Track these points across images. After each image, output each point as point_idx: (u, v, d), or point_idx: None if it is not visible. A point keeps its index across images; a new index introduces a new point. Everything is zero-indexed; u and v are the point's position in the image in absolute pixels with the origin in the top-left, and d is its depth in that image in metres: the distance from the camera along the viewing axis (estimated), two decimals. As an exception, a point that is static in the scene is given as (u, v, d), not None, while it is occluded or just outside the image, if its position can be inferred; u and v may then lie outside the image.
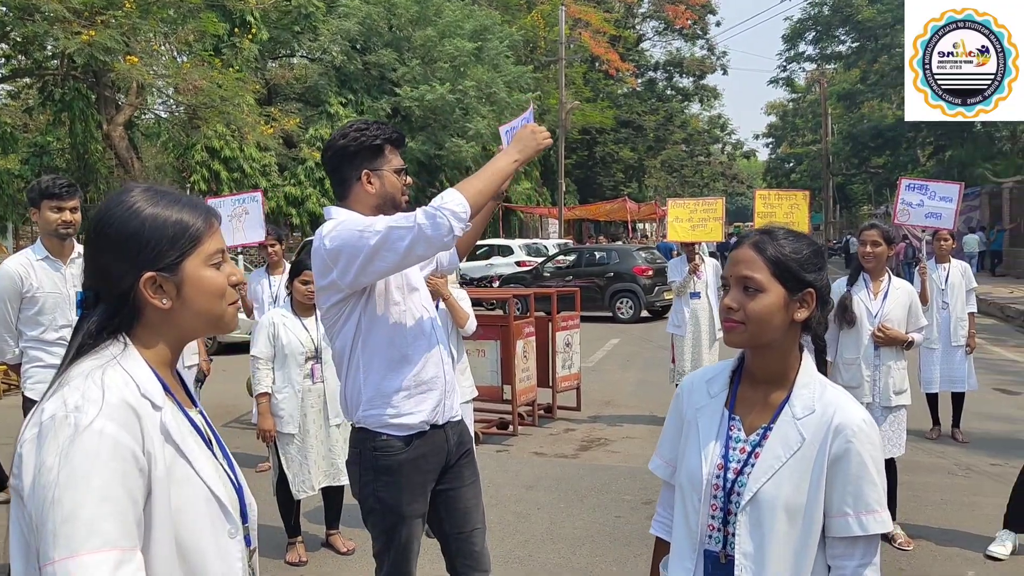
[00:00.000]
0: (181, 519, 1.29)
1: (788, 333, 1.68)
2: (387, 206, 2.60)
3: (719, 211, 7.48)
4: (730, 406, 1.74)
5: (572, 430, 7.65)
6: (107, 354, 1.33)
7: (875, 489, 1.59)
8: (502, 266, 20.98)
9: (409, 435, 2.60)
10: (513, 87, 26.44)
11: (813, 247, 1.70)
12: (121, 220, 1.37)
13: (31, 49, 18.68)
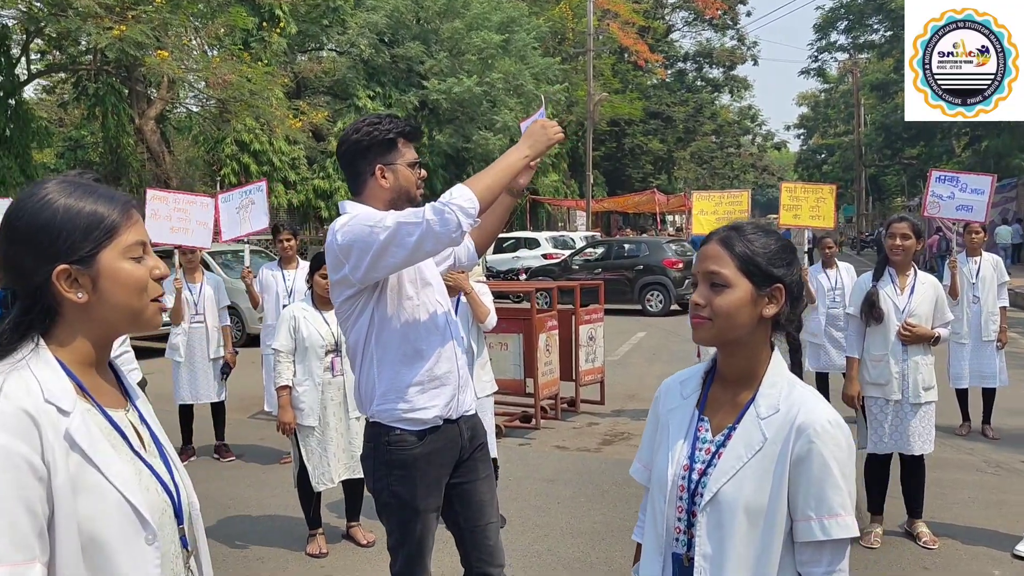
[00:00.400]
0: (90, 527, 1.24)
1: (757, 330, 1.66)
2: (401, 200, 2.60)
3: (744, 204, 7.42)
4: (700, 407, 1.73)
5: (595, 424, 7.64)
6: (17, 356, 1.29)
7: (838, 492, 1.54)
8: (529, 259, 20.97)
9: (422, 429, 2.61)
10: (541, 79, 26.36)
11: (782, 242, 1.68)
12: (32, 212, 1.32)
13: (65, 44, 19.01)
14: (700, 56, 47.19)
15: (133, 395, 1.48)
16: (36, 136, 18.31)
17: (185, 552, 1.42)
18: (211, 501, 5.47)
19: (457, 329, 2.74)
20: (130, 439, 1.37)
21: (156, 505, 1.35)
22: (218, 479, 6.01)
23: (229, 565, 4.44)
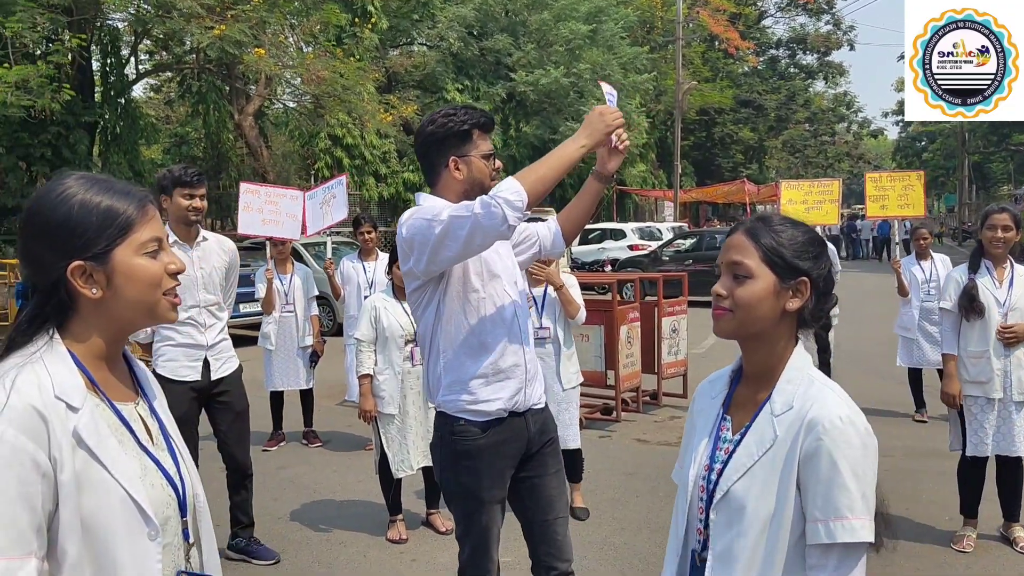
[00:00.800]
0: (94, 522, 1.27)
1: (780, 324, 1.61)
2: (475, 192, 2.58)
3: (836, 193, 7.20)
4: (725, 406, 1.69)
5: (677, 418, 7.56)
6: (31, 349, 1.32)
7: (846, 494, 1.46)
8: (614, 250, 20.82)
9: (486, 421, 2.62)
10: (628, 69, 26.07)
11: (810, 235, 1.64)
12: (50, 207, 1.35)
13: (171, 45, 19.90)
14: (794, 42, 45.70)
15: (145, 387, 1.50)
16: (144, 133, 19.26)
17: (186, 544, 1.44)
18: (298, 485, 5.68)
19: (526, 322, 2.72)
20: (137, 433, 1.39)
21: (160, 500, 1.37)
22: (305, 464, 6.23)
23: (313, 548, 4.61)
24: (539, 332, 4.79)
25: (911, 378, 7.19)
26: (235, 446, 4.35)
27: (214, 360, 4.21)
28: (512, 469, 2.72)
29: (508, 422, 2.66)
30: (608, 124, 2.50)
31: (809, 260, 1.60)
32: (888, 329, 7.76)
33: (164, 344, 4.18)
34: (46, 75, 13.05)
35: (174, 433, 1.50)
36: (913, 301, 7.00)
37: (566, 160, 2.45)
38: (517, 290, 2.73)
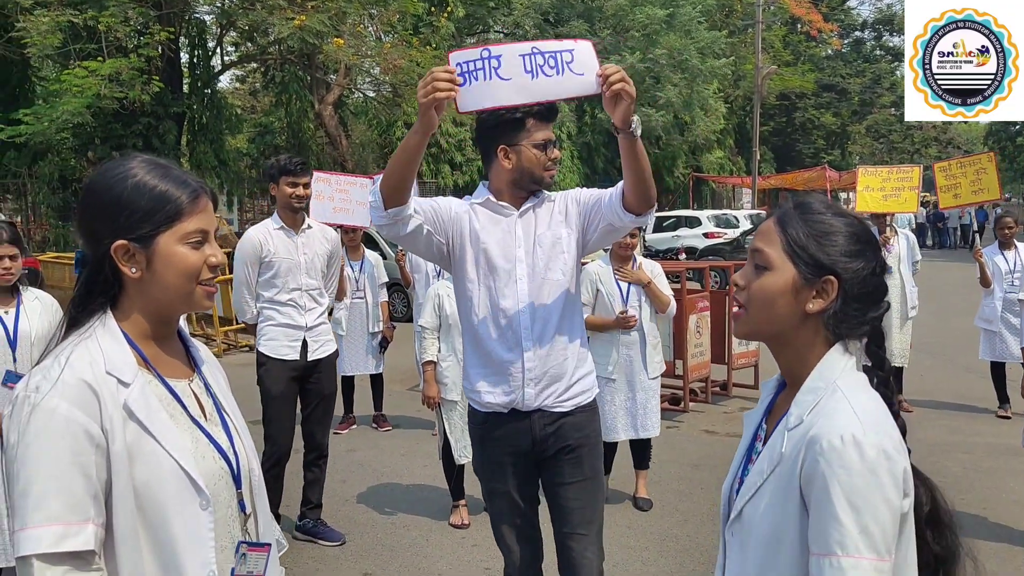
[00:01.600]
0: (146, 492, 1.32)
1: (803, 327, 1.41)
2: (525, 181, 2.58)
3: (915, 180, 6.93)
4: (766, 413, 1.53)
5: (747, 409, 7.39)
6: (88, 325, 1.38)
7: (837, 527, 1.24)
8: (689, 238, 20.54)
9: (485, 412, 2.64)
10: (706, 54, 25.53)
11: (854, 227, 1.42)
12: (107, 185, 1.40)
13: (255, 36, 20.45)
14: (879, 23, 43.96)
15: (200, 365, 1.56)
16: (229, 123, 19.89)
17: (242, 515, 1.48)
18: (366, 468, 5.82)
19: (533, 320, 2.56)
20: (189, 408, 1.45)
21: (212, 472, 1.42)
22: (374, 448, 6.37)
23: (377, 530, 4.72)
24: None
25: (993, 372, 6.90)
26: (316, 426, 4.53)
27: (312, 341, 4.39)
28: (518, 467, 2.66)
29: (508, 418, 2.61)
30: (425, 84, 2.22)
31: (842, 256, 1.39)
32: (971, 321, 7.46)
33: (266, 324, 4.38)
34: (137, 68, 13.58)
35: (230, 410, 1.55)
36: (996, 292, 6.72)
37: (404, 145, 2.32)
38: (529, 285, 2.57)
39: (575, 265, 2.64)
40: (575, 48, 2.31)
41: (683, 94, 24.30)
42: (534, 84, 2.28)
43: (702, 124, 26.48)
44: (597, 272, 4.91)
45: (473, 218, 2.60)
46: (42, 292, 3.80)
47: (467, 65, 2.26)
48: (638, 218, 2.52)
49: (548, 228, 2.61)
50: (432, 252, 2.60)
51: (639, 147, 2.40)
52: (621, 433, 4.89)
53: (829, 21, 38.38)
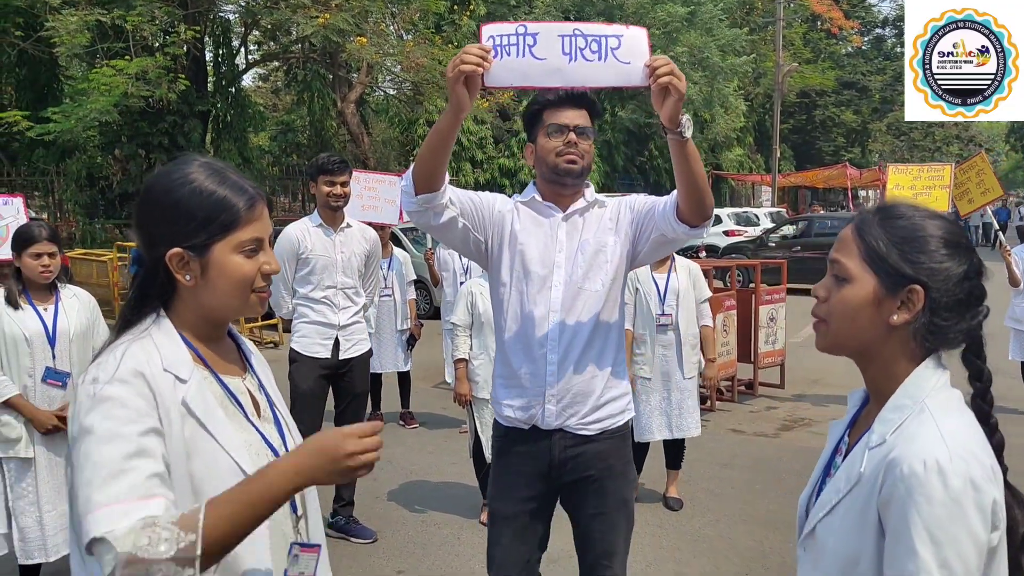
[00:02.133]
0: (201, 488, 1.31)
1: (889, 342, 1.32)
2: (546, 171, 2.44)
3: (947, 178, 6.88)
4: (850, 425, 1.46)
5: (774, 408, 7.42)
6: (142, 326, 1.39)
7: (913, 559, 1.16)
8: (710, 235, 20.41)
9: (506, 426, 2.51)
10: (727, 51, 25.43)
11: (943, 233, 1.30)
12: (164, 189, 1.40)
13: (279, 34, 20.59)
14: (901, 21, 43.42)
15: (254, 364, 1.55)
16: (252, 121, 20.03)
17: (294, 516, 1.47)
18: (395, 466, 5.85)
19: (561, 331, 2.40)
20: (244, 406, 1.45)
21: None
22: (402, 445, 6.41)
23: (409, 528, 4.75)
24: (660, 319, 4.83)
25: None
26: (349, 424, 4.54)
27: (344, 340, 4.40)
28: (532, 492, 2.49)
29: (528, 436, 2.46)
30: (453, 66, 2.07)
31: (926, 263, 1.28)
32: (999, 321, 7.39)
33: (300, 321, 4.42)
34: (163, 66, 13.71)
35: (282, 408, 1.55)
36: None
37: (435, 128, 2.19)
38: (564, 293, 2.41)
39: (619, 276, 2.47)
40: (624, 34, 2.13)
41: (704, 92, 24.20)
42: (570, 68, 2.12)
43: (722, 122, 26.40)
44: (635, 272, 4.88)
45: (515, 218, 2.47)
46: (80, 289, 3.85)
47: (500, 39, 2.11)
48: (692, 230, 2.32)
49: (594, 234, 2.45)
50: (469, 248, 2.48)
51: (691, 149, 2.21)
52: (656, 433, 4.89)
53: (850, 18, 38.11)
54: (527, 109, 2.52)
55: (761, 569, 4.16)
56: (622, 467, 2.53)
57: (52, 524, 3.57)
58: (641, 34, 2.15)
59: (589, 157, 2.46)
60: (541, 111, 2.44)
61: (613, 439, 2.49)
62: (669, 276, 4.87)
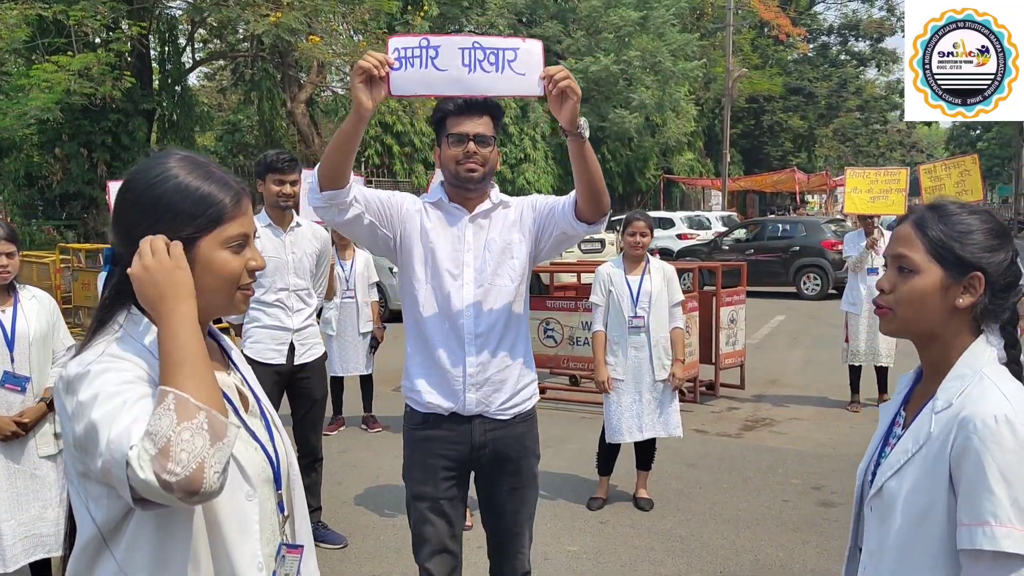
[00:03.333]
0: None
1: (951, 322, 1.50)
2: (451, 178, 2.56)
3: (903, 182, 7.03)
4: (904, 402, 1.62)
5: (735, 409, 7.49)
6: (115, 325, 1.34)
7: (990, 498, 1.34)
8: (663, 239, 20.66)
9: (424, 413, 2.58)
10: (678, 55, 25.79)
11: (990, 223, 1.50)
12: (148, 183, 1.35)
13: (225, 33, 20.20)
14: (845, 29, 44.75)
15: (235, 361, 1.51)
16: (199, 120, 19.62)
17: (281, 516, 1.44)
18: (360, 470, 5.74)
19: (476, 324, 2.53)
20: (233, 400, 1.39)
21: (256, 467, 1.38)
22: (367, 449, 6.30)
23: (379, 532, 4.66)
24: (633, 321, 4.81)
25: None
26: (309, 431, 4.41)
27: (299, 345, 4.25)
28: (451, 473, 2.61)
29: (448, 422, 2.57)
30: (358, 67, 2.20)
31: (986, 252, 1.48)
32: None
33: (252, 325, 4.24)
34: (107, 63, 13.33)
35: (267, 405, 1.51)
36: None
37: (340, 131, 2.30)
38: (476, 289, 2.55)
39: (526, 272, 2.63)
40: (520, 47, 2.29)
41: (655, 96, 24.48)
42: (470, 78, 2.27)
43: (673, 126, 26.70)
44: (609, 273, 4.91)
45: (424, 217, 2.58)
46: (40, 291, 3.67)
47: (405, 51, 2.26)
48: (591, 227, 2.51)
49: (499, 233, 2.59)
50: (378, 244, 2.58)
51: (588, 150, 2.38)
52: (626, 435, 4.86)
53: (797, 25, 38.99)
54: (434, 114, 2.62)
55: (735, 567, 4.17)
56: (533, 446, 2.73)
57: (11, 534, 3.39)
58: (536, 47, 2.31)
59: (492, 163, 2.58)
60: (444, 119, 2.54)
61: (526, 421, 2.68)
62: (643, 278, 4.86)
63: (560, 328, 7.66)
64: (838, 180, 24.83)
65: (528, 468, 2.70)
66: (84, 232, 16.26)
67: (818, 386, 8.27)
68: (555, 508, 4.93)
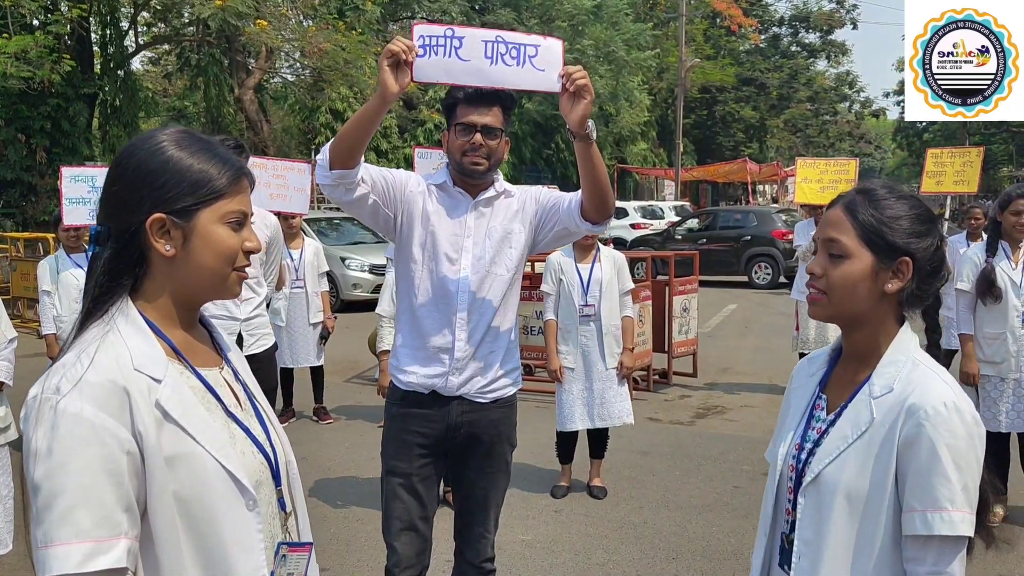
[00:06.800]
0: (188, 497, 1.22)
1: (880, 306, 1.50)
2: (454, 163, 2.61)
3: (852, 173, 7.13)
4: (822, 385, 1.61)
5: (688, 397, 7.54)
6: (108, 316, 1.26)
7: (946, 484, 1.36)
8: (616, 228, 20.72)
9: (404, 391, 2.63)
10: (632, 45, 25.87)
11: (918, 210, 1.51)
12: (145, 155, 1.29)
13: (170, 16, 19.64)
14: (796, 20, 45.40)
15: (227, 352, 1.45)
16: (143, 106, 19.10)
17: (283, 514, 1.39)
18: (311, 462, 5.64)
19: (470, 311, 2.57)
20: (224, 399, 1.34)
21: (253, 468, 1.32)
22: (317, 441, 6.20)
23: (331, 525, 4.58)
24: (584, 310, 4.80)
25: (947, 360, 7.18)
26: None
27: (248, 335, 4.16)
28: (426, 451, 2.63)
29: (426, 401, 2.61)
30: (387, 51, 2.22)
31: (914, 238, 1.48)
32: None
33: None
34: (45, 46, 12.88)
35: (262, 399, 1.45)
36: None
37: (362, 111, 2.31)
38: (472, 276, 2.58)
39: (522, 262, 2.67)
40: (542, 44, 2.34)
41: (609, 85, 24.52)
42: (491, 70, 2.32)
43: (627, 116, 26.81)
44: (559, 262, 4.89)
45: (427, 199, 2.59)
46: None
47: (430, 39, 2.30)
48: (595, 226, 2.56)
49: (501, 222, 2.62)
50: (378, 223, 2.59)
51: (595, 152, 2.42)
52: (578, 423, 4.86)
53: (749, 16, 39.41)
54: (445, 100, 2.63)
55: (687, 553, 4.19)
56: (509, 432, 2.76)
57: None
58: (557, 45, 2.38)
59: (498, 155, 2.61)
60: (455, 105, 2.57)
61: (504, 408, 2.70)
62: (593, 266, 4.84)
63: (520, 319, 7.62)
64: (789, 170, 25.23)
65: (500, 453, 2.73)
66: (23, 221, 15.74)
67: (769, 374, 8.38)
68: (508, 497, 4.81)
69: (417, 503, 2.64)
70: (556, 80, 2.32)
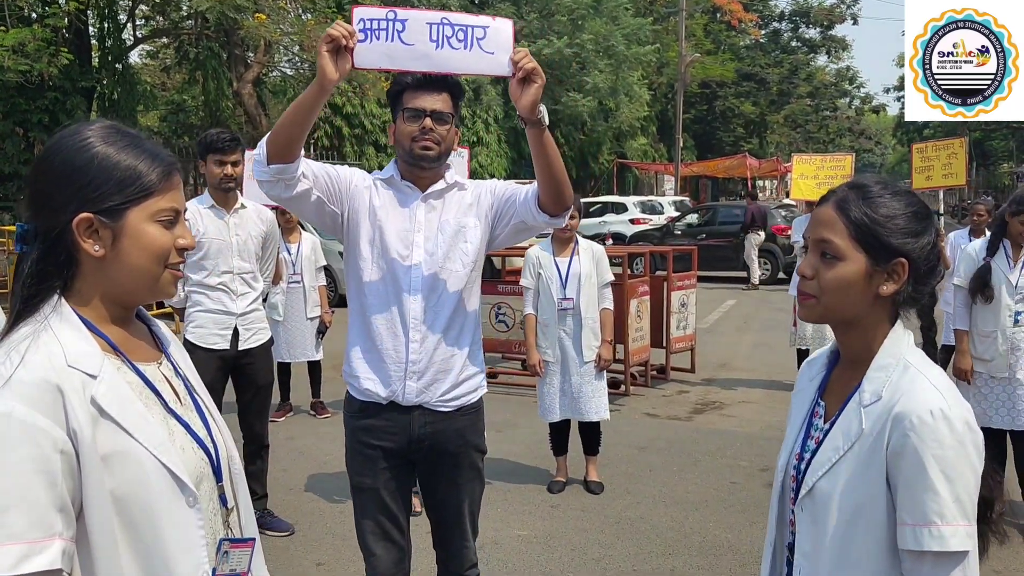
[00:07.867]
0: (126, 495, 1.19)
1: (873, 309, 1.43)
2: (402, 153, 2.46)
3: (848, 168, 7.13)
4: (820, 389, 1.55)
5: (685, 392, 7.54)
6: (41, 313, 1.22)
7: (934, 498, 1.29)
8: (616, 224, 20.75)
9: (362, 400, 2.49)
10: (631, 40, 25.80)
11: (914, 208, 1.43)
12: (70, 151, 1.25)
13: (168, 10, 19.58)
14: (796, 15, 45.30)
15: (166, 346, 1.42)
16: (142, 99, 19.04)
17: (224, 510, 1.37)
18: (307, 457, 5.64)
19: (424, 310, 2.43)
20: (163, 394, 1.31)
21: (193, 464, 1.30)
22: (314, 435, 6.19)
23: (327, 519, 4.57)
24: (562, 303, 4.79)
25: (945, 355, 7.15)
26: (255, 418, 4.32)
27: (244, 330, 4.14)
28: (390, 464, 2.50)
29: (384, 412, 2.46)
30: (326, 35, 2.11)
31: (910, 238, 1.40)
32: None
33: (195, 310, 4.10)
34: (43, 39, 12.81)
35: (203, 393, 1.42)
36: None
37: (299, 101, 2.18)
38: (425, 273, 2.43)
39: (479, 259, 2.53)
40: (490, 25, 2.21)
41: (609, 80, 24.48)
42: (437, 54, 2.19)
43: (627, 110, 26.75)
44: (538, 256, 4.89)
45: (374, 194, 2.47)
46: None
47: (371, 23, 2.17)
48: (552, 219, 2.42)
49: (454, 216, 2.49)
50: (325, 221, 2.45)
51: (548, 139, 2.31)
52: (559, 413, 4.88)
53: (749, 11, 39.29)
54: (391, 88, 2.50)
55: (683, 549, 4.18)
56: (476, 439, 2.60)
57: None
58: (506, 26, 2.23)
59: (448, 141, 2.47)
60: (401, 93, 2.43)
61: (469, 415, 2.55)
62: (571, 260, 4.83)
63: (512, 313, 7.60)
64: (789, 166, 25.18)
65: (469, 463, 2.58)
66: (20, 214, 15.70)
67: (767, 369, 8.37)
68: (505, 492, 4.90)
69: (388, 516, 2.53)
70: (507, 64, 2.20)
